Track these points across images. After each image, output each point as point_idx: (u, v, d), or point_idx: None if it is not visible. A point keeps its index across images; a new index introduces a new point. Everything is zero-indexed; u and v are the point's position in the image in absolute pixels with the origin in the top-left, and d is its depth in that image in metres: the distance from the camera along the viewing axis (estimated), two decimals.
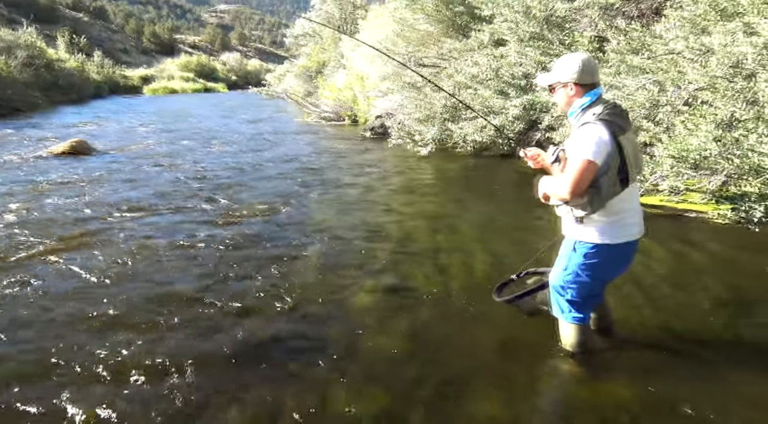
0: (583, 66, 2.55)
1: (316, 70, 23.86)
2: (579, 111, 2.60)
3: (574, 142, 2.53)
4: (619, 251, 2.66)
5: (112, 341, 3.30)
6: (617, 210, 2.58)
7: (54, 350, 3.19)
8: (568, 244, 2.81)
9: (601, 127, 2.46)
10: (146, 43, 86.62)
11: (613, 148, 2.44)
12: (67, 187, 7.55)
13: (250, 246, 5.02)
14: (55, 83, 29.68)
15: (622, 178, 2.51)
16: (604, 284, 2.89)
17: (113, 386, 2.85)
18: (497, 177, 8.26)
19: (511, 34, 7.88)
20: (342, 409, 2.64)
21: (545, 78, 2.74)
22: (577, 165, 2.46)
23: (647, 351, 3.09)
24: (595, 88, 2.60)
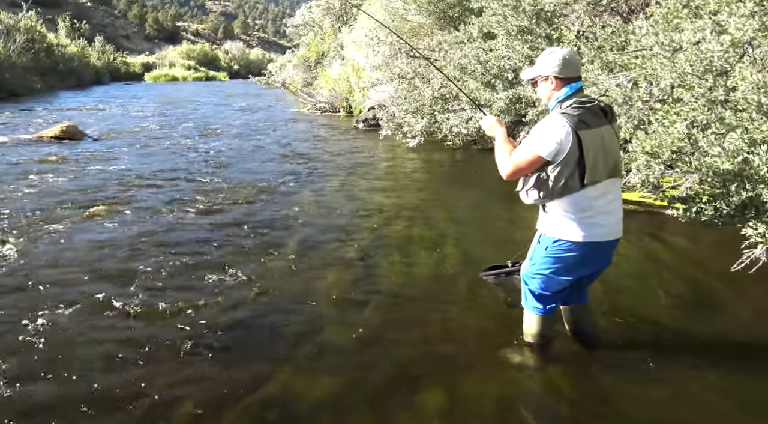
0: (563, 60, 2.56)
1: (315, 61, 23.79)
2: (555, 104, 2.61)
3: (533, 131, 2.59)
4: (586, 249, 2.60)
5: (76, 328, 3.33)
6: (584, 207, 2.54)
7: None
8: (536, 235, 2.83)
9: (561, 119, 2.46)
10: (149, 29, 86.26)
11: (570, 143, 2.43)
12: (43, 172, 7.56)
13: (227, 233, 5.05)
14: (54, 68, 29.66)
15: (581, 174, 2.48)
16: (570, 281, 2.79)
17: (61, 371, 2.89)
18: (483, 170, 8.26)
19: (500, 28, 7.85)
20: (292, 396, 2.67)
21: (528, 72, 2.76)
22: (523, 153, 2.55)
23: (603, 347, 3.10)
24: (575, 82, 2.61)
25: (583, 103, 2.54)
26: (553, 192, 2.53)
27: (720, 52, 3.50)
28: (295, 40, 32.43)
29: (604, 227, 2.61)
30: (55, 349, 3.05)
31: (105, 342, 3.13)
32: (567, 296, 2.92)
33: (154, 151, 9.41)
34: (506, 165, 2.63)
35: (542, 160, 2.49)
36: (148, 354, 3.02)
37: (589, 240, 2.58)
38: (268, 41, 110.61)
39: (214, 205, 5.96)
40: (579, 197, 2.53)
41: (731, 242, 4.03)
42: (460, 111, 8.51)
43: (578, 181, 2.49)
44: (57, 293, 3.74)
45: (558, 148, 2.45)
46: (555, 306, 2.95)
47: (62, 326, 3.31)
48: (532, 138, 2.53)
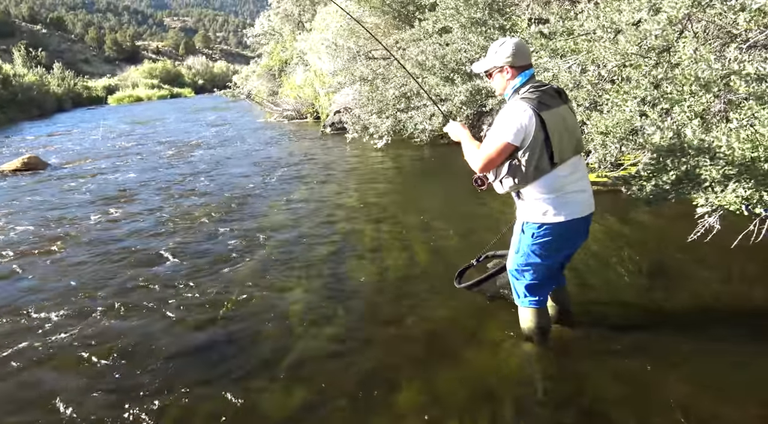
0: (515, 49, 2.62)
1: (279, 69, 23.68)
2: (512, 92, 2.66)
3: (496, 121, 2.62)
4: (567, 228, 2.67)
5: (52, 340, 3.29)
6: (557, 187, 2.60)
7: None
8: (517, 226, 2.85)
9: (522, 104, 2.52)
10: (108, 51, 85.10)
11: (535, 125, 2.48)
12: (9, 203, 7.43)
13: (192, 251, 5.01)
14: (13, 99, 29.10)
15: (549, 154, 2.54)
16: (558, 263, 2.89)
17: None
18: (450, 165, 8.34)
19: (454, 21, 7.93)
20: (269, 408, 2.68)
21: (481, 64, 2.79)
22: (491, 144, 2.59)
23: (575, 326, 3.16)
24: (528, 69, 2.66)
25: (538, 87, 2.61)
26: (527, 176, 2.57)
27: (658, 31, 3.58)
28: (257, 49, 32.22)
29: (580, 204, 2.68)
30: (18, 379, 3.01)
31: (86, 351, 3.10)
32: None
33: (116, 177, 9.29)
34: (477, 159, 2.67)
35: (511, 147, 2.54)
36: (112, 369, 2.99)
37: (571, 218, 2.65)
38: (231, 53, 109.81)
39: (181, 222, 5.92)
40: (552, 178, 2.59)
41: (689, 213, 4.13)
42: (423, 108, 8.56)
43: (548, 161, 2.55)
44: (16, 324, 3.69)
45: (525, 133, 2.50)
46: (547, 294, 3.00)
47: (20, 356, 3.26)
48: (498, 127, 2.57)
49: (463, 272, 3.81)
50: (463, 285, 3.58)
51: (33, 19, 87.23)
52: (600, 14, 4.07)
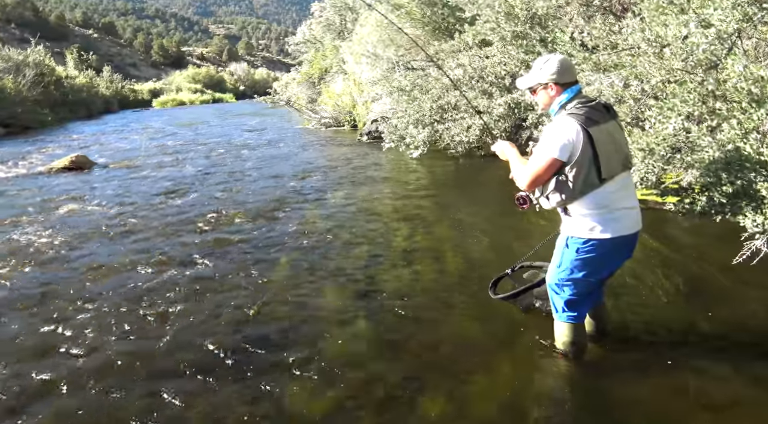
0: (560, 66, 2.64)
1: (318, 77, 24.02)
2: (558, 108, 2.67)
3: (542, 137, 2.63)
4: (613, 245, 2.64)
5: (95, 337, 3.41)
6: (605, 203, 2.58)
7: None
8: (561, 240, 2.82)
9: (569, 120, 2.52)
10: (155, 56, 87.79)
11: (582, 141, 2.47)
12: (56, 202, 7.72)
13: (234, 248, 5.13)
14: (64, 100, 30.21)
15: (598, 170, 2.53)
16: (600, 280, 2.86)
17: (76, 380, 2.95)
18: (485, 177, 8.30)
19: (494, 35, 7.92)
20: (297, 410, 2.71)
21: (525, 81, 2.81)
22: (538, 160, 2.59)
23: (612, 344, 3.10)
24: (574, 85, 2.67)
25: (586, 102, 2.61)
26: (574, 192, 2.56)
27: (706, 45, 3.51)
28: (298, 57, 32.79)
29: (628, 220, 2.65)
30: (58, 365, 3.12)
31: (117, 355, 3.20)
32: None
33: (161, 177, 9.56)
34: (524, 175, 2.67)
35: (558, 163, 2.54)
36: (150, 370, 3.08)
37: (618, 234, 2.62)
38: (272, 60, 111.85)
39: (219, 227, 6.04)
40: (600, 194, 2.57)
41: (733, 234, 4.01)
42: (460, 119, 8.55)
43: (596, 177, 2.53)
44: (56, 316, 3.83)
45: (572, 148, 2.49)
46: (586, 311, 2.96)
47: (68, 344, 3.38)
48: (544, 143, 2.58)
49: (497, 282, 3.78)
50: (500, 296, 3.54)
51: (86, 24, 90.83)
52: (645, 28, 4.01)
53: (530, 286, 3.47)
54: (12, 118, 22.25)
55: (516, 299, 3.56)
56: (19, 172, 10.62)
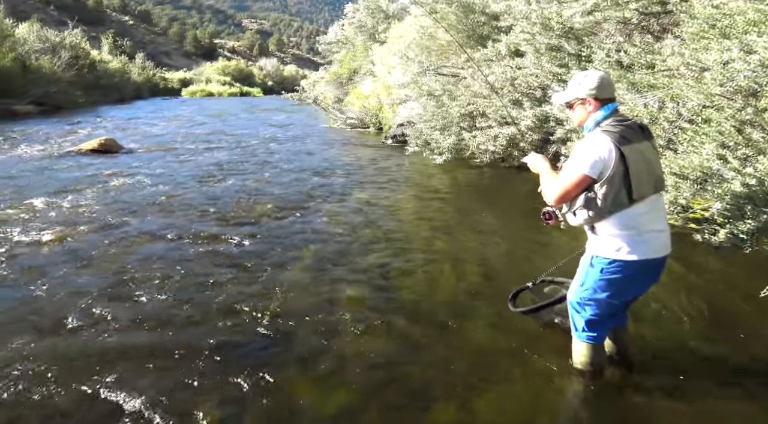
0: (600, 82, 2.61)
1: (347, 77, 24.09)
2: (593, 125, 2.63)
3: (574, 152, 2.60)
4: (640, 267, 2.58)
5: (104, 331, 3.45)
6: (633, 224, 2.53)
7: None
8: (586, 258, 2.77)
9: (602, 136, 2.49)
10: (188, 46, 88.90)
11: (614, 159, 2.44)
12: (83, 183, 7.85)
13: (249, 249, 5.14)
14: (96, 83, 30.80)
15: (628, 190, 2.49)
16: (623, 303, 2.81)
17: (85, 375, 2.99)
18: (509, 189, 8.24)
19: (529, 46, 7.87)
20: (307, 408, 2.71)
21: (562, 95, 2.78)
22: (568, 175, 2.56)
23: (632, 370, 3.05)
24: (611, 102, 2.64)
25: (622, 120, 2.57)
26: (602, 210, 2.52)
27: (748, 72, 3.44)
28: (327, 56, 32.94)
29: (656, 244, 2.60)
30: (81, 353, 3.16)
31: (132, 344, 3.23)
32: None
33: (188, 165, 9.67)
34: (553, 190, 2.65)
35: (588, 179, 2.51)
36: (163, 361, 3.10)
37: (645, 257, 2.57)
38: (302, 58, 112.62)
39: (242, 217, 6.09)
40: (629, 214, 2.53)
41: (763, 264, 3.93)
42: (487, 128, 8.51)
43: (626, 197, 2.50)
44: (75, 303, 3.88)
45: (603, 166, 2.46)
46: (607, 332, 2.92)
47: (87, 328, 3.42)
48: (576, 159, 2.55)
49: (517, 294, 3.74)
50: (519, 310, 3.51)
51: (123, 10, 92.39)
52: (685, 51, 3.95)
53: (551, 302, 3.42)
54: (46, 98, 22.73)
55: (535, 313, 3.52)
56: (49, 151, 10.83)
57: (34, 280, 4.23)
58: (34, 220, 5.85)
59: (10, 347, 3.24)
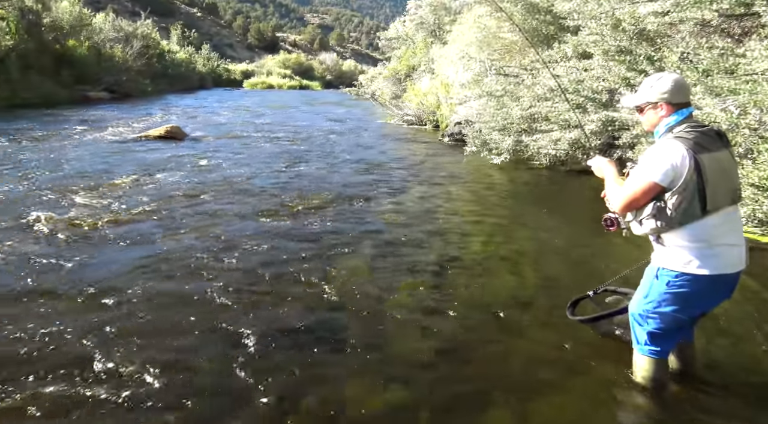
0: (674, 85, 2.49)
1: (405, 74, 24.09)
2: (665, 130, 2.51)
3: (644, 158, 2.49)
4: (710, 282, 2.45)
5: (163, 309, 3.59)
6: (705, 237, 2.41)
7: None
8: (651, 270, 2.65)
9: (676, 143, 2.37)
10: (251, 39, 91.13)
11: (688, 167, 2.32)
12: (154, 166, 8.18)
13: (305, 239, 5.21)
14: (164, 73, 32.06)
15: (702, 201, 2.36)
16: (690, 318, 2.69)
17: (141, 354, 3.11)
18: (569, 193, 8.03)
19: (597, 48, 7.62)
20: (359, 402, 2.72)
21: (633, 99, 2.66)
22: (636, 182, 2.45)
23: (697, 388, 2.91)
24: (686, 107, 2.51)
25: (697, 126, 2.44)
26: (672, 221, 2.40)
27: None
28: (387, 52, 33.02)
29: (729, 257, 2.46)
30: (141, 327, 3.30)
31: (184, 333, 3.34)
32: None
33: (248, 154, 9.92)
34: (619, 197, 2.54)
35: (657, 188, 2.39)
36: (215, 353, 3.17)
37: (716, 272, 2.43)
38: (361, 53, 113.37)
39: (298, 209, 6.19)
40: (701, 226, 2.40)
41: None
42: (549, 131, 8.31)
43: (699, 208, 2.37)
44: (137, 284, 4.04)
45: (675, 174, 2.34)
46: (671, 347, 2.80)
47: (147, 306, 3.56)
48: (645, 165, 2.43)
49: (576, 303, 3.63)
50: (578, 318, 3.40)
51: (191, 2, 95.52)
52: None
53: (612, 312, 3.31)
54: (117, 85, 23.83)
55: (594, 323, 3.41)
56: (119, 137, 11.34)
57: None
58: (123, 196, 6.14)
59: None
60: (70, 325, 3.33)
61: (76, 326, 3.32)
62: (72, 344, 3.13)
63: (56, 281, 3.99)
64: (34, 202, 6.01)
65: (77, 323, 3.37)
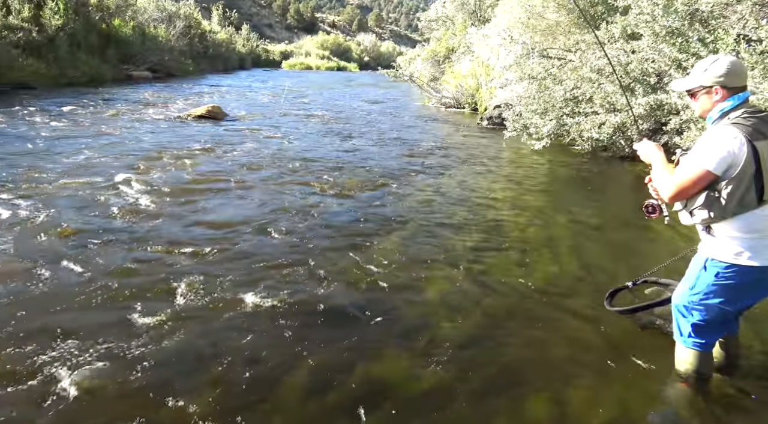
0: (731, 67, 2.37)
1: (444, 56, 23.77)
2: (718, 116, 2.41)
3: (697, 145, 2.39)
4: (761, 274, 2.37)
5: (214, 282, 3.67)
6: (760, 227, 2.32)
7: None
8: (698, 260, 2.57)
9: (732, 130, 2.27)
10: (290, 20, 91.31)
11: (745, 154, 2.23)
12: (191, 147, 8.34)
13: (346, 219, 5.24)
14: (205, 53, 32.49)
15: (759, 190, 2.27)
16: (737, 311, 2.61)
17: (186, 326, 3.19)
18: (612, 179, 7.84)
19: (647, 28, 7.34)
20: (396, 383, 2.73)
21: (684, 82, 2.55)
22: (689, 170, 2.35)
23: (744, 380, 2.82)
24: (742, 91, 2.40)
25: (754, 112, 2.33)
26: (726, 211, 2.31)
27: None
28: (426, 34, 32.60)
29: None
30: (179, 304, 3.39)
31: (223, 312, 3.42)
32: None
33: (286, 135, 10.01)
34: (669, 185, 2.43)
35: (711, 176, 2.30)
36: (259, 328, 3.22)
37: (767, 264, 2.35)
38: (399, 35, 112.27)
39: (333, 192, 6.22)
40: (756, 216, 2.31)
41: None
42: (592, 115, 8.09)
43: (755, 197, 2.28)
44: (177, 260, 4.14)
45: (730, 162, 2.25)
46: (716, 339, 2.72)
47: (188, 284, 3.65)
48: (699, 152, 2.33)
49: (615, 293, 3.55)
50: (617, 309, 3.33)
51: None
52: None
53: (653, 303, 3.23)
54: (160, 65, 24.26)
55: (633, 314, 3.33)
56: (163, 116, 11.59)
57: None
58: (164, 176, 6.30)
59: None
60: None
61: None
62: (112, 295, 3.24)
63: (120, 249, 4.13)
64: (80, 178, 6.20)
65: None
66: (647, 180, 2.75)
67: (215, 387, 2.62)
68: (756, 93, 4.41)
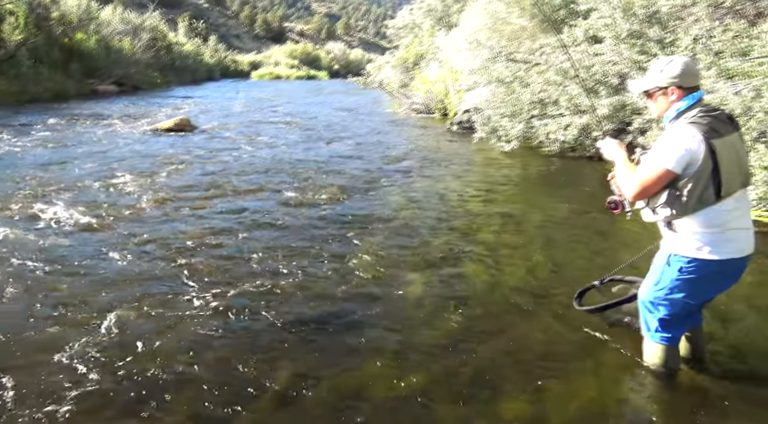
0: (685, 68, 2.45)
1: (413, 62, 23.93)
2: (675, 115, 2.48)
3: (656, 145, 2.46)
4: (721, 267, 2.45)
5: (192, 292, 3.62)
6: (719, 222, 2.39)
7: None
8: (662, 256, 2.64)
9: (690, 129, 2.34)
10: (258, 29, 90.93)
11: (703, 152, 2.30)
12: (159, 160, 8.21)
13: (318, 226, 5.23)
14: (172, 65, 32.09)
15: (717, 187, 2.34)
16: (700, 303, 2.70)
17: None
18: (578, 179, 7.97)
19: (608, 31, 7.53)
20: (374, 389, 2.74)
21: (641, 84, 2.62)
22: (650, 170, 2.42)
23: (707, 373, 2.89)
24: (696, 91, 2.48)
25: (709, 111, 2.41)
26: (687, 208, 2.38)
27: None
28: (394, 41, 32.80)
29: (740, 242, 2.46)
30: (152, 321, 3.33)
31: (195, 321, 3.37)
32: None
33: (256, 145, 9.94)
34: (631, 185, 2.50)
35: (671, 175, 2.37)
36: (233, 335, 3.20)
37: (728, 257, 2.43)
38: (368, 42, 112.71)
39: (306, 199, 6.20)
40: (714, 212, 2.38)
41: None
42: (558, 117, 8.24)
43: (713, 194, 2.35)
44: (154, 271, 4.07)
45: (689, 160, 2.32)
46: (682, 333, 2.79)
47: (166, 292, 3.59)
48: (659, 151, 2.41)
49: (583, 293, 3.61)
50: (585, 308, 3.39)
51: None
52: None
53: (620, 301, 3.29)
54: (126, 78, 23.88)
55: (602, 312, 3.39)
56: (130, 130, 11.39)
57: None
58: (138, 189, 6.19)
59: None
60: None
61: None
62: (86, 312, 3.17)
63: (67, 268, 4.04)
64: (51, 197, 6.06)
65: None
66: (610, 177, 2.82)
67: (187, 396, 2.59)
68: (712, 92, 4.54)
